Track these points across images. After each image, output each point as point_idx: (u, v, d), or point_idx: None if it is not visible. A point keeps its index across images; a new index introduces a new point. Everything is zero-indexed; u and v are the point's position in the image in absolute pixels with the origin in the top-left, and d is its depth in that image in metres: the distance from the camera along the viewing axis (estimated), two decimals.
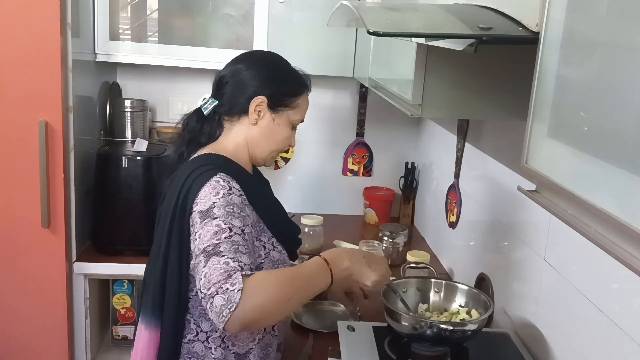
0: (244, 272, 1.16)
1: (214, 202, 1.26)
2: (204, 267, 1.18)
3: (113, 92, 2.57)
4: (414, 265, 1.97)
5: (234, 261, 1.18)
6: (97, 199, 2.32)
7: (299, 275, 1.25)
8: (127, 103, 2.49)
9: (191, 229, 1.29)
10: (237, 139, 1.45)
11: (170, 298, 1.34)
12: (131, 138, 2.46)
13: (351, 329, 1.57)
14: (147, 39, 2.63)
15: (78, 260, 2.24)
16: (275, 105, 1.43)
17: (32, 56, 2.03)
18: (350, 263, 1.32)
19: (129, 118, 2.48)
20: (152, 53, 2.54)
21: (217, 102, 1.44)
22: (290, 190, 2.86)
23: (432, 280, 1.63)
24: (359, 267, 1.33)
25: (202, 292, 1.17)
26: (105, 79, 2.53)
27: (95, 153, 2.34)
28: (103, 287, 2.47)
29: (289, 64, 1.50)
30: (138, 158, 2.28)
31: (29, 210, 2.10)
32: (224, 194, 1.28)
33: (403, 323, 1.42)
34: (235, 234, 1.23)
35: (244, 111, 1.42)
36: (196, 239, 1.25)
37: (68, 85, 2.10)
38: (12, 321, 2.19)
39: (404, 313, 1.44)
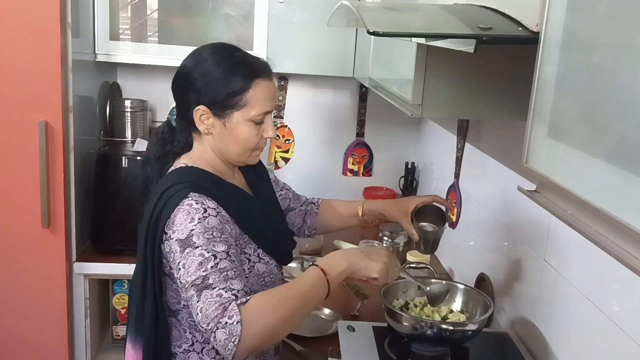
0: (238, 301, 1.14)
1: (191, 230, 1.21)
2: (197, 302, 1.17)
3: (113, 92, 2.57)
4: (414, 265, 1.97)
5: (226, 291, 1.15)
6: (97, 199, 2.32)
7: (295, 292, 1.21)
8: (127, 103, 2.49)
9: (169, 255, 1.25)
10: (206, 146, 1.38)
11: (148, 317, 1.32)
12: (131, 138, 2.46)
13: (351, 329, 1.57)
14: (147, 39, 2.63)
15: (78, 260, 2.24)
16: (219, 110, 1.32)
17: (32, 56, 2.03)
18: (348, 263, 1.27)
19: (129, 118, 2.48)
20: (152, 53, 2.54)
21: (177, 115, 1.41)
22: None
23: (432, 280, 1.63)
24: (360, 264, 1.29)
25: (202, 327, 1.16)
26: (105, 79, 2.53)
27: (95, 153, 2.34)
28: (103, 287, 2.47)
29: (231, 58, 1.34)
30: (138, 158, 2.28)
31: (29, 210, 2.10)
32: (199, 218, 1.23)
33: (403, 323, 1.42)
34: (220, 259, 1.19)
35: (194, 122, 1.34)
36: (180, 269, 1.21)
37: (68, 85, 2.10)
38: (12, 321, 2.20)
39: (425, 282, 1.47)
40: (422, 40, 1.33)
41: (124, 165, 2.27)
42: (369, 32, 0.99)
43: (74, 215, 2.20)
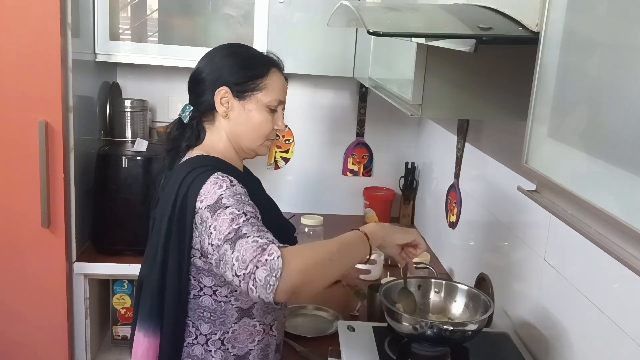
0: (276, 244, 1.17)
1: (221, 194, 1.26)
2: (232, 253, 1.17)
3: (113, 92, 2.57)
4: (413, 265, 1.97)
5: (261, 238, 1.17)
6: (97, 199, 2.32)
7: (332, 241, 1.25)
8: (127, 103, 2.49)
9: (200, 227, 1.27)
10: (220, 137, 1.44)
11: (170, 301, 1.33)
12: (131, 138, 2.46)
13: (351, 329, 1.57)
14: (147, 39, 2.63)
15: (78, 260, 2.24)
16: (240, 92, 1.40)
17: (32, 56, 2.03)
18: (384, 231, 1.35)
19: (129, 118, 2.48)
20: (152, 53, 2.54)
21: (192, 107, 1.44)
22: (290, 190, 2.86)
23: (432, 280, 1.63)
24: (395, 231, 1.38)
25: (238, 276, 1.15)
26: (105, 79, 2.53)
27: (95, 153, 2.34)
28: (103, 287, 2.47)
29: (250, 49, 1.49)
30: (138, 158, 2.28)
31: (29, 210, 2.10)
32: (227, 186, 1.28)
33: (403, 323, 1.42)
34: (251, 217, 1.23)
35: (213, 107, 1.41)
36: (211, 233, 1.23)
37: (68, 85, 2.10)
38: (12, 321, 2.20)
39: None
40: (422, 40, 1.33)
41: (124, 165, 2.27)
42: (369, 32, 0.99)
43: (74, 215, 2.20)
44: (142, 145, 2.34)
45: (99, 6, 2.40)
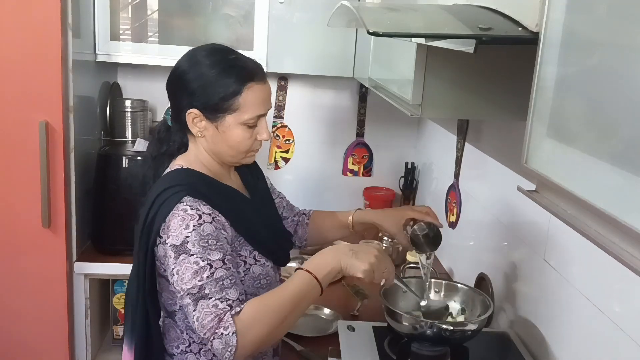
0: (233, 312, 1.17)
1: (187, 237, 1.22)
2: (194, 310, 1.19)
3: (113, 92, 2.57)
4: (414, 265, 1.97)
5: (222, 301, 1.18)
6: (97, 199, 2.33)
7: (286, 297, 1.21)
8: (128, 103, 2.49)
9: (163, 260, 1.26)
10: (200, 148, 1.38)
11: (138, 321, 1.33)
12: (131, 138, 2.46)
13: (351, 329, 1.57)
14: (147, 39, 2.63)
15: (78, 260, 2.24)
16: (211, 113, 1.31)
17: (33, 56, 2.03)
18: (336, 261, 1.25)
19: (129, 118, 2.48)
20: (153, 53, 2.54)
21: (170, 116, 1.41)
22: (290, 190, 2.84)
23: (432, 280, 1.63)
24: (347, 261, 1.25)
25: (199, 335, 1.20)
26: (105, 79, 2.53)
27: (96, 153, 2.34)
28: (103, 287, 2.47)
29: (224, 59, 1.33)
30: (138, 158, 2.28)
31: (29, 210, 2.10)
32: (194, 225, 1.23)
33: (403, 323, 1.42)
34: (216, 268, 1.20)
35: (187, 125, 1.35)
36: (174, 275, 1.22)
37: (68, 85, 2.10)
38: (12, 321, 2.20)
39: (418, 296, 1.49)
40: (422, 41, 1.33)
41: (124, 165, 2.27)
42: (369, 33, 0.99)
43: (74, 215, 2.20)
44: (142, 145, 2.34)
45: (99, 6, 2.40)
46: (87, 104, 2.34)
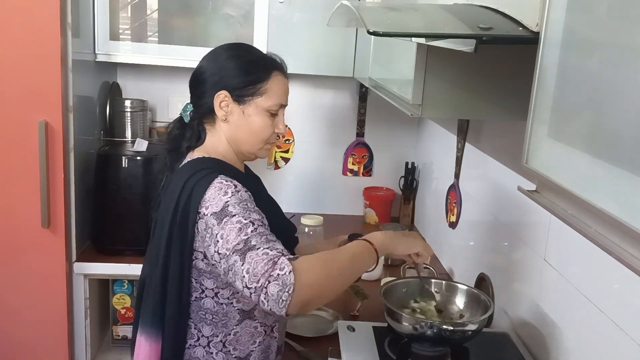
0: (287, 257, 1.17)
1: (226, 202, 1.25)
2: (242, 264, 1.17)
3: (113, 92, 2.57)
4: (413, 265, 1.97)
5: (271, 250, 1.17)
6: (97, 199, 2.32)
7: (343, 252, 1.28)
8: (127, 103, 2.49)
9: (204, 233, 1.26)
10: (220, 139, 1.42)
11: (171, 305, 1.33)
12: (131, 138, 2.46)
13: (351, 329, 1.57)
14: (147, 39, 2.63)
15: (78, 260, 2.24)
16: (239, 96, 1.38)
17: (32, 56, 2.03)
18: (390, 239, 1.38)
19: (129, 118, 2.48)
20: (152, 53, 2.54)
21: (193, 107, 1.43)
22: (290, 190, 2.86)
23: (432, 280, 1.63)
24: (401, 240, 1.42)
25: (249, 288, 1.16)
26: (105, 79, 2.53)
27: (95, 153, 2.34)
28: (103, 287, 2.47)
29: (252, 51, 1.46)
30: (138, 158, 2.28)
31: (29, 210, 2.10)
32: (232, 192, 1.27)
33: (403, 323, 1.42)
34: (259, 226, 1.23)
35: (213, 110, 1.40)
36: (218, 241, 1.22)
37: (68, 85, 2.10)
38: (12, 321, 2.19)
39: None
40: (422, 40, 1.33)
41: (124, 165, 2.27)
42: (369, 32, 0.99)
43: (74, 215, 2.20)
44: (142, 145, 2.34)
45: (99, 6, 2.40)
46: (87, 103, 2.34)
